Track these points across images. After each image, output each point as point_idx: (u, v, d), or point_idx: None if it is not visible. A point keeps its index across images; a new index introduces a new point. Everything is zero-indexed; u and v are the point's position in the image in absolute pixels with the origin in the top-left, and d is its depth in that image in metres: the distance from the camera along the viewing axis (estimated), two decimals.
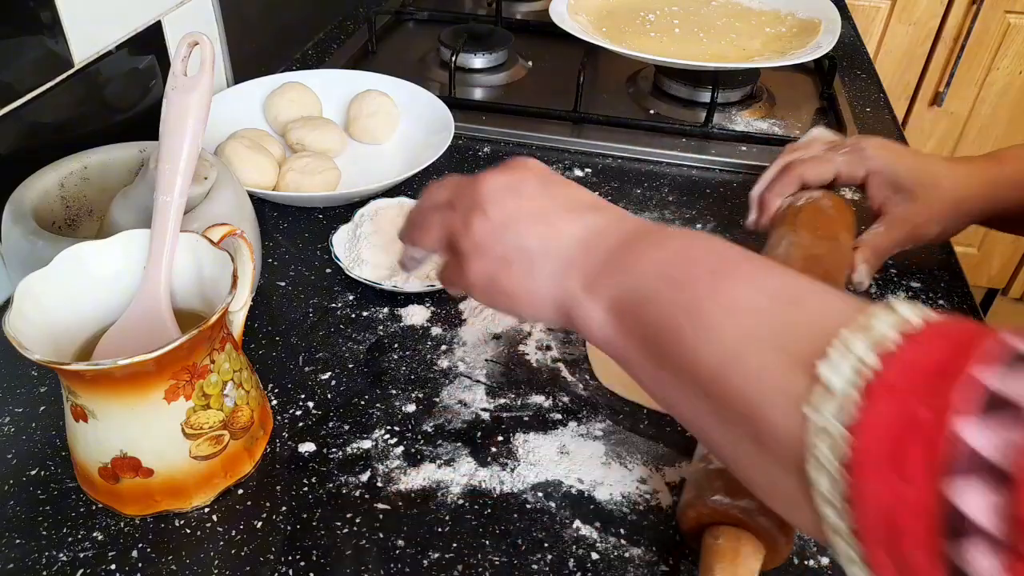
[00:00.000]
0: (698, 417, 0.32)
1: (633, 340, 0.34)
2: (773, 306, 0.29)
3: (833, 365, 0.25)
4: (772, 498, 0.30)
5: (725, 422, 0.30)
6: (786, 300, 0.30)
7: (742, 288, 0.31)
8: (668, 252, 0.34)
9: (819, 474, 0.25)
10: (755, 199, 0.60)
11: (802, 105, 0.89)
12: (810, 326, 0.27)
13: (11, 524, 0.42)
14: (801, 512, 0.27)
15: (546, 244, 0.37)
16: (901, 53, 1.62)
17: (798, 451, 0.26)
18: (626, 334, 0.34)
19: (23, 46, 0.54)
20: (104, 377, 0.37)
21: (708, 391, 0.30)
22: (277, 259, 0.62)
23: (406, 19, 1.05)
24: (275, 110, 0.75)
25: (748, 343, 0.29)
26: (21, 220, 0.46)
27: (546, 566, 0.41)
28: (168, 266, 0.42)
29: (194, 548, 0.41)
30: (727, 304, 0.30)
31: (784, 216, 0.57)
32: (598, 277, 0.35)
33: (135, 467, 0.40)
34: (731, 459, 0.31)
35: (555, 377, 0.52)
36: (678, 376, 0.31)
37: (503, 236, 0.38)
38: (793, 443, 0.26)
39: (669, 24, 0.90)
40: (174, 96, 0.42)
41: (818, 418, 0.25)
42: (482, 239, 0.38)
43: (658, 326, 0.32)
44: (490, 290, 0.39)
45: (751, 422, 0.28)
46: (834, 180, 0.59)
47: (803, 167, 0.58)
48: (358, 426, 0.48)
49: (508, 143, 0.79)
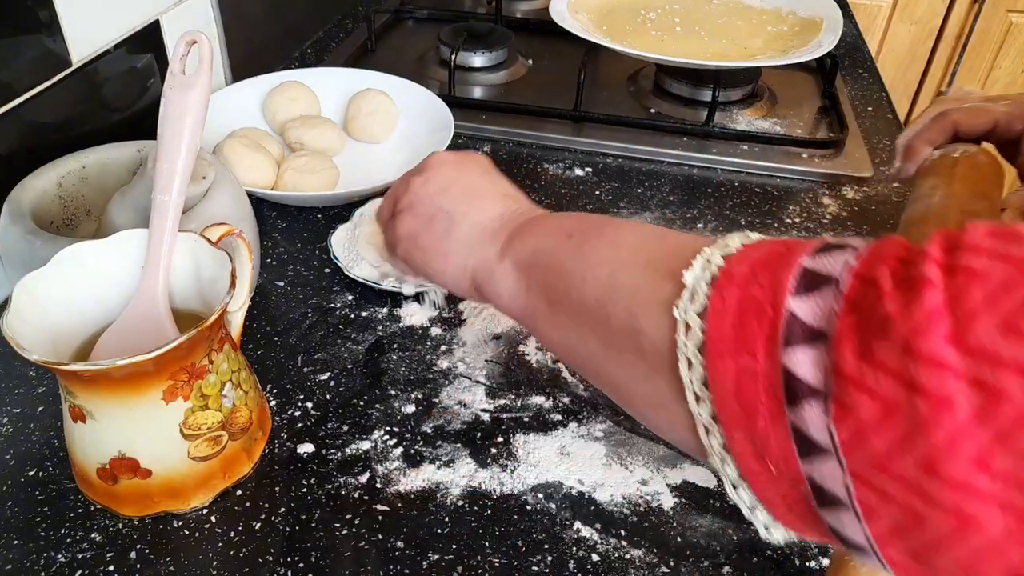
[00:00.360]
0: (591, 354, 0.34)
1: (534, 292, 0.37)
2: (648, 240, 0.34)
3: (693, 271, 0.28)
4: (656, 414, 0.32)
5: (611, 346, 0.32)
6: (661, 235, 0.34)
7: (624, 231, 0.35)
8: (571, 218, 0.39)
9: (686, 367, 0.27)
10: (902, 146, 0.58)
11: (804, 104, 0.88)
12: (678, 249, 0.31)
13: (9, 525, 0.42)
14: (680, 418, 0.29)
15: (469, 213, 0.42)
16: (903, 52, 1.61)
17: (671, 353, 0.28)
18: (528, 288, 0.38)
19: (21, 45, 0.54)
20: (102, 377, 0.36)
21: (595, 320, 0.33)
22: (275, 259, 0.62)
23: (405, 17, 1.05)
24: (274, 109, 0.75)
25: (625, 268, 0.32)
26: (19, 220, 0.46)
27: (546, 567, 0.41)
28: (166, 266, 0.42)
29: (192, 549, 0.41)
30: (608, 242, 0.35)
31: (937, 167, 0.54)
32: (510, 243, 0.39)
33: (133, 468, 0.40)
34: (619, 383, 0.33)
35: (555, 378, 0.52)
36: (571, 316, 0.35)
37: (434, 199, 0.43)
38: (667, 345, 0.28)
39: (670, 23, 0.90)
40: (172, 95, 0.42)
41: (681, 315, 0.28)
42: (416, 198, 0.44)
43: (553, 272, 0.36)
44: (410, 245, 0.43)
45: (632, 338, 0.30)
46: (990, 132, 0.56)
47: (959, 116, 0.56)
48: (357, 427, 0.48)
49: (508, 142, 0.79)
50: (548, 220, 0.40)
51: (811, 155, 0.77)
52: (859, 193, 0.74)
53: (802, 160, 0.77)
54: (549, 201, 0.70)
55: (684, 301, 0.28)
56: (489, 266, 0.40)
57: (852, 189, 0.74)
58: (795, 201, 0.72)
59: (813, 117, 0.86)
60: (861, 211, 0.71)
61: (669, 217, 0.70)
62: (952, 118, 0.56)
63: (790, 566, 0.41)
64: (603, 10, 0.91)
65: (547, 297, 0.36)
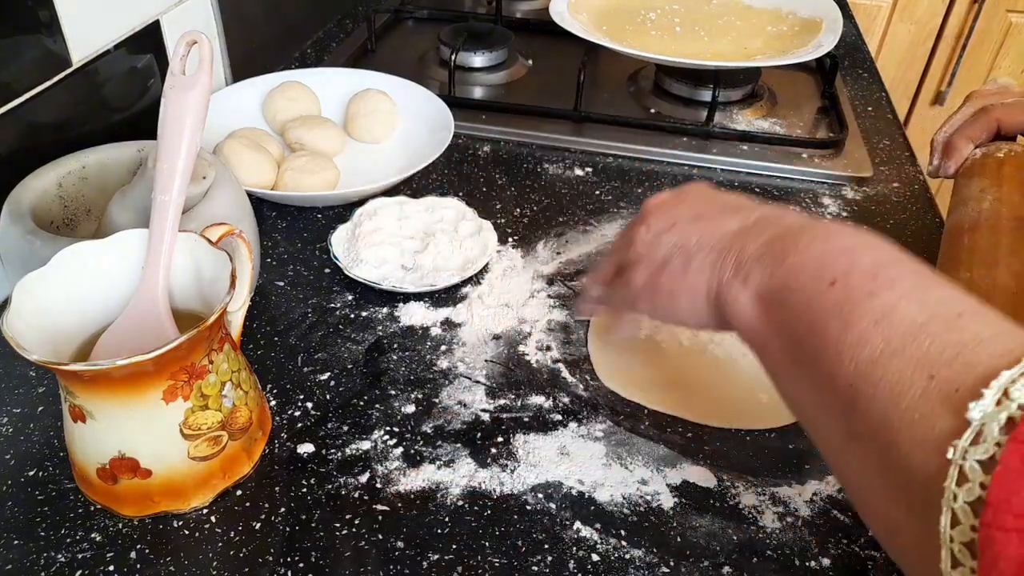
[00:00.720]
0: (825, 426, 0.30)
1: (776, 333, 0.33)
2: (930, 323, 0.27)
3: (983, 404, 0.23)
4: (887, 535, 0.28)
5: (852, 437, 0.28)
6: (944, 317, 0.27)
7: (901, 299, 0.28)
8: (829, 247, 0.32)
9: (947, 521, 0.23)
10: (940, 143, 0.56)
11: (803, 104, 0.88)
12: (963, 352, 0.25)
13: (9, 525, 0.42)
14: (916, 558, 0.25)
15: (702, 239, 0.38)
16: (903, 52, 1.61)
17: (928, 488, 0.23)
18: (770, 325, 0.33)
19: (21, 45, 0.54)
20: (102, 377, 0.36)
21: (841, 400, 0.28)
22: (276, 259, 0.62)
23: (405, 17, 1.05)
24: (274, 109, 0.75)
25: (893, 360, 0.26)
26: (19, 220, 0.46)
27: (546, 567, 0.41)
28: (166, 266, 0.42)
29: (192, 549, 0.41)
30: (881, 312, 0.28)
31: (982, 167, 0.52)
32: (752, 265, 0.35)
33: (133, 468, 0.40)
34: (852, 484, 0.29)
35: (555, 378, 0.52)
36: (814, 379, 0.30)
37: (663, 240, 0.40)
38: (925, 478, 0.24)
39: (670, 23, 0.90)
40: (172, 95, 0.42)
41: (957, 458, 0.23)
42: (644, 247, 0.41)
43: (803, 321, 0.31)
44: (651, 293, 0.40)
45: (881, 444, 0.26)
46: None
47: (1001, 112, 0.54)
48: (357, 427, 0.48)
49: (508, 142, 0.79)
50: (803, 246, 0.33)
51: (811, 155, 0.77)
52: (859, 193, 0.74)
53: (802, 160, 0.77)
54: (549, 201, 0.70)
55: (964, 442, 0.22)
56: (723, 285, 0.36)
57: (852, 189, 0.74)
58: (795, 201, 0.72)
59: (813, 117, 0.86)
60: (861, 211, 0.71)
61: None
62: (995, 115, 0.54)
63: (790, 566, 0.41)
64: (603, 10, 0.91)
65: (791, 351, 0.32)
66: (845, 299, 0.29)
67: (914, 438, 0.24)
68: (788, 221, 0.36)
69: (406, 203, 0.64)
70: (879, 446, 0.26)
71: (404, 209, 0.63)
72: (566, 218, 0.68)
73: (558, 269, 0.62)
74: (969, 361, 0.24)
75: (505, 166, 0.75)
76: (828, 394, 0.29)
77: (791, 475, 0.46)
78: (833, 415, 0.29)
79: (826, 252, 0.32)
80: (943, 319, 0.27)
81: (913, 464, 0.24)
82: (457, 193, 0.70)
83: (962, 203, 0.51)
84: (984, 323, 0.26)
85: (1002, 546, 0.20)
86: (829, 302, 0.30)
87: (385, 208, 0.63)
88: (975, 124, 0.55)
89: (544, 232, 0.66)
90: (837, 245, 0.32)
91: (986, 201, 0.49)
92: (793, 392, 0.33)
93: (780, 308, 0.33)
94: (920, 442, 0.24)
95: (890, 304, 0.28)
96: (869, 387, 0.27)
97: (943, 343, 0.26)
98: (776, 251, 0.34)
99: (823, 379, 0.29)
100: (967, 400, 0.23)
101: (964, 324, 0.26)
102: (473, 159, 0.76)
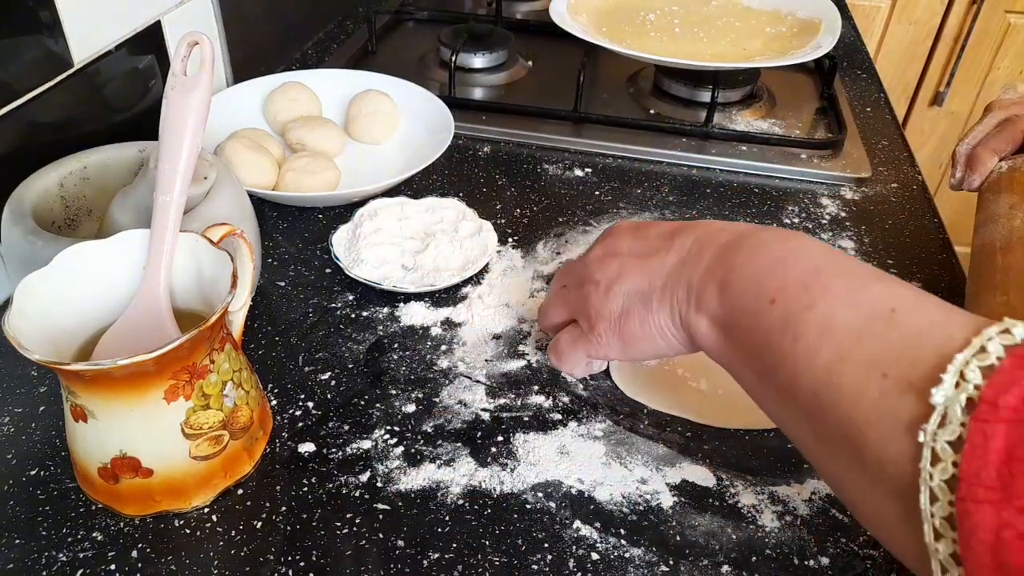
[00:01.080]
0: (801, 435, 0.32)
1: (736, 352, 0.34)
2: (868, 324, 0.28)
3: (943, 389, 0.24)
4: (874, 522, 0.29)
5: (826, 442, 0.29)
6: (880, 316, 0.28)
7: (836, 306, 0.30)
8: (761, 263, 0.34)
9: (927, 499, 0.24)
10: (963, 155, 0.55)
11: (802, 105, 0.89)
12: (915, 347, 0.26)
13: (11, 524, 0.42)
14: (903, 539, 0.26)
15: (652, 279, 0.39)
16: (901, 53, 1.62)
17: (905, 476, 0.25)
18: (730, 346, 0.35)
19: (23, 46, 0.54)
20: (104, 377, 0.37)
21: (808, 411, 0.30)
22: (277, 259, 0.62)
23: (406, 19, 1.05)
24: (275, 110, 0.75)
25: (844, 365, 0.28)
26: (21, 220, 0.46)
27: (546, 566, 0.41)
28: (168, 266, 0.42)
29: (194, 548, 0.41)
30: (822, 323, 0.30)
31: (1010, 182, 0.50)
32: (701, 293, 0.36)
33: (135, 467, 0.40)
34: (834, 480, 0.31)
35: (555, 377, 0.52)
36: (780, 394, 0.31)
37: (615, 291, 0.41)
38: (900, 468, 0.25)
39: (669, 24, 0.90)
40: (174, 96, 0.42)
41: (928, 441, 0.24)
42: (598, 305, 0.42)
43: (757, 340, 0.32)
44: (623, 342, 0.41)
45: (853, 445, 0.27)
46: None
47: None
48: (358, 426, 0.48)
49: (508, 143, 0.79)
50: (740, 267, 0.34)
51: (810, 156, 0.78)
52: (857, 194, 0.74)
53: (801, 161, 0.77)
54: (549, 201, 0.70)
55: (932, 426, 0.24)
56: (689, 321, 0.37)
57: (850, 190, 0.74)
58: (794, 202, 0.72)
59: (812, 118, 0.86)
60: (859, 212, 0.71)
61: (668, 218, 0.70)
62: (1021, 126, 0.53)
63: (789, 565, 0.41)
64: (603, 11, 0.91)
65: (753, 366, 0.33)
66: (787, 315, 0.31)
67: (883, 434, 0.26)
68: (722, 238, 0.37)
69: (406, 203, 0.64)
70: (851, 445, 0.27)
71: (404, 209, 0.63)
72: (566, 218, 0.68)
73: (558, 269, 0.62)
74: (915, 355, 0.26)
75: (505, 167, 0.76)
76: (793, 403, 0.31)
77: (790, 474, 0.46)
78: (802, 421, 0.31)
79: (759, 270, 0.34)
80: (880, 318, 0.28)
81: (887, 456, 0.26)
82: (457, 194, 0.70)
83: (991, 220, 0.49)
84: (919, 314, 0.28)
85: (978, 516, 0.22)
86: (774, 319, 0.31)
87: (386, 208, 0.63)
88: (999, 136, 0.54)
89: (544, 232, 0.66)
90: (767, 261, 0.34)
91: (1017, 219, 0.48)
92: (765, 403, 0.35)
93: (734, 330, 0.34)
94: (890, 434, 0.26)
95: (827, 313, 0.30)
96: (830, 392, 0.28)
97: (886, 342, 0.28)
98: (717, 277, 0.36)
99: (786, 389, 0.31)
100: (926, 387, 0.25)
101: (900, 320, 0.28)
102: (473, 160, 0.76)
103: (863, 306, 0.29)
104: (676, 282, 0.38)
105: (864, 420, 0.27)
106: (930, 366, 0.25)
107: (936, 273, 0.63)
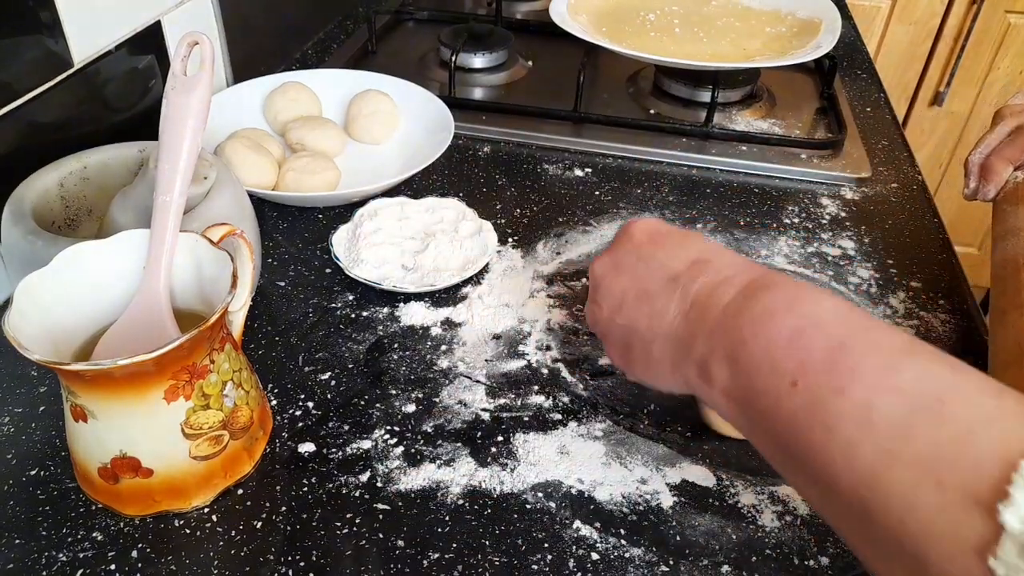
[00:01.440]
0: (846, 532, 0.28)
1: (760, 437, 0.31)
2: (913, 418, 0.25)
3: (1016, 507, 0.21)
4: None
5: (878, 546, 0.26)
6: (926, 408, 0.25)
7: (873, 392, 0.26)
8: (772, 339, 0.30)
9: None
10: (976, 165, 0.53)
11: (802, 105, 0.89)
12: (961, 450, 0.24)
13: (11, 524, 0.42)
14: None
15: (651, 326, 0.38)
16: (901, 53, 1.62)
17: None
18: (749, 422, 0.32)
19: (23, 46, 0.54)
20: (104, 377, 0.37)
21: (851, 510, 0.26)
22: (277, 259, 0.62)
23: (406, 19, 1.05)
24: (275, 110, 0.75)
25: (893, 468, 0.25)
26: (21, 220, 0.46)
27: (546, 566, 0.41)
28: (168, 266, 0.42)
29: (194, 548, 0.41)
30: (859, 415, 0.26)
31: None
32: (708, 363, 0.33)
33: (135, 467, 0.40)
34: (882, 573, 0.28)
35: (555, 377, 0.52)
36: (813, 484, 0.28)
37: (616, 322, 0.41)
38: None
39: (669, 24, 0.90)
40: (174, 96, 0.42)
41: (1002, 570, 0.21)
42: (602, 329, 0.42)
43: (781, 428, 0.29)
44: (628, 367, 0.42)
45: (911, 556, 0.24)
46: None
47: None
48: (358, 426, 0.48)
49: (508, 143, 0.79)
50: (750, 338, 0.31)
51: (810, 156, 0.78)
52: (857, 194, 0.74)
53: (801, 161, 0.77)
54: (549, 201, 0.70)
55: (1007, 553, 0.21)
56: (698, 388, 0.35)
57: (851, 190, 0.74)
58: (794, 202, 0.72)
59: (812, 118, 0.86)
60: (859, 212, 0.71)
61: (669, 218, 0.70)
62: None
63: (789, 564, 0.41)
64: (603, 11, 0.91)
65: (779, 448, 0.30)
66: (813, 401, 0.28)
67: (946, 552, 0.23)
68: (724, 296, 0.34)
69: (406, 203, 0.64)
70: (908, 555, 0.25)
71: (404, 209, 0.63)
72: (566, 218, 0.68)
73: (558, 269, 0.62)
74: (973, 460, 0.23)
75: (505, 167, 0.76)
76: (832, 499, 0.27)
77: None
78: (845, 520, 0.28)
79: (771, 347, 0.30)
80: (927, 411, 0.25)
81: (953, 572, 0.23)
82: (457, 194, 0.70)
83: (1011, 234, 0.48)
84: (967, 403, 0.25)
85: None
86: (797, 404, 0.28)
87: (386, 208, 0.63)
88: (1013, 144, 0.52)
89: (544, 232, 0.66)
90: (779, 334, 0.30)
91: None
92: (797, 487, 0.31)
93: (751, 408, 0.31)
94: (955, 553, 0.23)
95: (864, 401, 0.26)
96: (877, 497, 0.25)
97: (936, 441, 0.25)
98: (724, 348, 0.33)
99: (822, 482, 0.28)
100: (992, 501, 0.22)
101: (949, 412, 0.25)
102: (473, 160, 0.76)
103: (906, 393, 0.26)
104: (678, 340, 0.36)
105: (923, 533, 0.24)
106: (993, 475, 0.22)
107: (936, 273, 0.63)
